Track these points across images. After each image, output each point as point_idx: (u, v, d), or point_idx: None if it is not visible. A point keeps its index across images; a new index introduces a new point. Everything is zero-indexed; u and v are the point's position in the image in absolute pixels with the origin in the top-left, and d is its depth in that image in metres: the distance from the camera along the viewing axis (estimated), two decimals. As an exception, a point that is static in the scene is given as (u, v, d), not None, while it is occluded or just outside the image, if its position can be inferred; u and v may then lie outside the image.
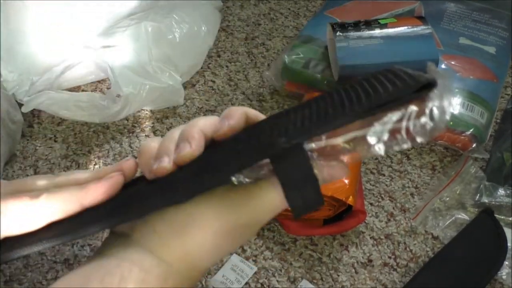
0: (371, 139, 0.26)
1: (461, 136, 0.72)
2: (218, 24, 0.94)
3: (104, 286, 0.26)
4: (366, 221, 0.67)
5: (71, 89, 0.83)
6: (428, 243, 0.66)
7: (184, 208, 0.29)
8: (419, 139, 0.25)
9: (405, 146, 0.26)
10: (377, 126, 0.26)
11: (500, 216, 0.66)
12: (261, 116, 0.33)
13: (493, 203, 0.67)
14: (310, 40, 0.82)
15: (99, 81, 0.85)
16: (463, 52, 0.81)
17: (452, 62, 0.79)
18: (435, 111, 0.25)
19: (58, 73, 0.79)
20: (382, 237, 0.66)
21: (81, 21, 0.81)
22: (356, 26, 0.74)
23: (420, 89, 0.26)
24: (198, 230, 0.29)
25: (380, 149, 0.26)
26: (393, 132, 0.26)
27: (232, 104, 0.82)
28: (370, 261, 0.64)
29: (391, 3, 0.89)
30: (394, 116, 0.25)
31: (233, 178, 0.29)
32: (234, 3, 1.00)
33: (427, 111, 0.25)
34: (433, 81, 0.26)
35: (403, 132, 0.25)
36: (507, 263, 0.62)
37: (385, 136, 0.26)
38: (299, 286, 0.62)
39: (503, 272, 0.62)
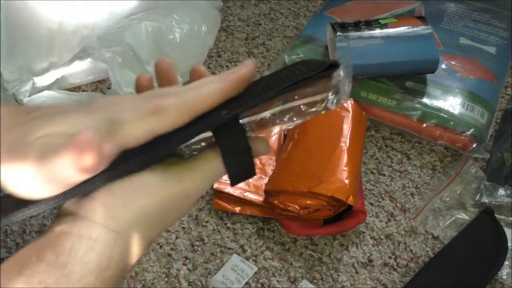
0: (289, 110, 0.33)
1: (461, 136, 0.72)
2: (219, 24, 0.94)
3: (56, 254, 0.28)
4: (366, 221, 0.67)
5: (71, 89, 0.83)
6: (428, 243, 0.66)
7: (130, 179, 0.30)
8: (325, 110, 0.34)
9: (313, 112, 0.34)
10: (295, 101, 0.33)
11: (500, 216, 0.66)
12: None
13: (493, 203, 0.67)
14: (310, 40, 0.82)
15: (99, 81, 0.85)
16: (463, 52, 0.81)
17: (452, 62, 0.79)
18: (339, 87, 0.34)
19: (58, 73, 0.80)
20: (382, 237, 0.66)
21: (81, 21, 0.81)
22: (357, 26, 0.74)
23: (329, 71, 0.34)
24: (145, 198, 0.30)
25: (295, 120, 0.33)
26: (306, 105, 0.33)
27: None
28: (371, 261, 0.64)
29: (391, 3, 0.89)
30: (308, 89, 0.33)
31: (180, 149, 0.32)
32: (235, 3, 1.00)
33: (331, 87, 0.34)
34: (337, 62, 0.34)
35: (316, 104, 0.33)
36: (507, 263, 0.62)
37: (299, 109, 0.33)
38: (299, 286, 0.62)
39: (503, 272, 0.62)
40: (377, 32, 0.74)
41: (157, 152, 0.31)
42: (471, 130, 0.72)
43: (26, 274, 0.28)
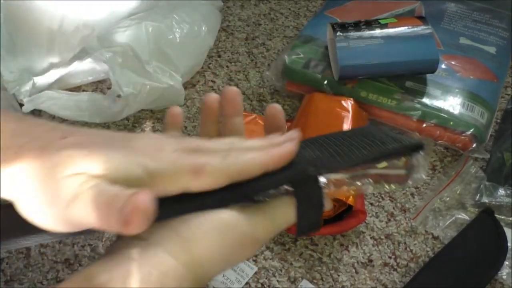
0: (366, 180, 0.34)
1: (461, 136, 0.72)
2: (219, 24, 0.94)
3: (126, 287, 0.27)
4: (367, 221, 0.67)
5: (72, 89, 0.83)
6: (428, 243, 0.66)
7: (207, 215, 0.30)
8: (396, 185, 0.35)
9: (386, 188, 0.35)
10: (373, 169, 0.34)
11: (500, 216, 0.66)
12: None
13: (493, 203, 0.67)
14: (310, 40, 0.82)
15: (99, 81, 0.85)
16: (463, 52, 0.81)
17: (452, 62, 0.79)
18: (418, 167, 0.35)
19: (58, 73, 0.80)
20: (383, 237, 0.66)
21: (81, 21, 0.81)
22: (357, 26, 0.74)
23: (408, 147, 0.35)
24: (220, 237, 0.30)
25: (369, 187, 0.35)
26: (382, 176, 0.35)
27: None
28: (371, 261, 0.64)
29: (391, 3, 0.89)
30: (390, 162, 0.35)
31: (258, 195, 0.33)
32: (235, 3, 1.00)
33: (410, 166, 0.35)
34: (422, 145, 0.35)
35: (390, 177, 0.35)
36: (507, 263, 0.62)
37: (376, 177, 0.35)
38: (299, 286, 0.62)
39: (503, 272, 0.62)
40: (377, 32, 0.74)
41: (242, 194, 0.31)
42: (471, 130, 0.72)
43: None
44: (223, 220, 0.30)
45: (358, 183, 0.34)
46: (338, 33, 0.73)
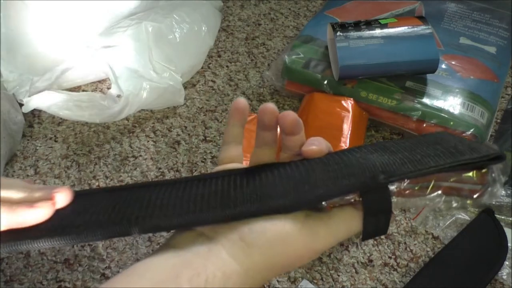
0: (438, 192, 0.32)
1: (462, 136, 0.72)
2: (219, 24, 0.94)
3: (192, 285, 0.27)
4: (367, 221, 0.67)
5: (72, 89, 0.83)
6: (429, 243, 0.66)
7: (272, 221, 0.30)
8: (471, 200, 0.32)
9: (458, 204, 0.32)
10: (446, 182, 0.32)
11: (500, 216, 0.66)
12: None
13: (494, 203, 0.67)
14: (310, 40, 0.82)
15: (99, 81, 0.85)
16: (464, 52, 0.81)
17: (453, 62, 0.79)
18: (492, 183, 0.32)
19: (58, 73, 0.79)
20: (383, 237, 0.66)
21: (82, 21, 0.81)
22: (357, 26, 0.74)
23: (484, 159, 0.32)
24: (282, 248, 0.30)
25: (440, 201, 0.32)
26: (455, 189, 0.32)
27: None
28: (371, 261, 0.64)
29: (391, 3, 0.89)
30: (465, 175, 0.32)
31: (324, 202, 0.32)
32: (235, 3, 1.00)
33: (486, 180, 0.32)
34: (501, 156, 0.32)
35: (463, 192, 0.32)
36: (507, 263, 0.62)
37: (448, 190, 0.32)
38: (299, 286, 0.62)
39: (504, 272, 0.62)
40: (377, 32, 0.74)
41: (307, 200, 0.30)
42: (471, 130, 0.72)
43: None
44: (287, 231, 0.30)
45: (428, 194, 0.32)
46: (338, 33, 0.73)
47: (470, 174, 0.32)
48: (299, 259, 0.31)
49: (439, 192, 0.32)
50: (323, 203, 0.32)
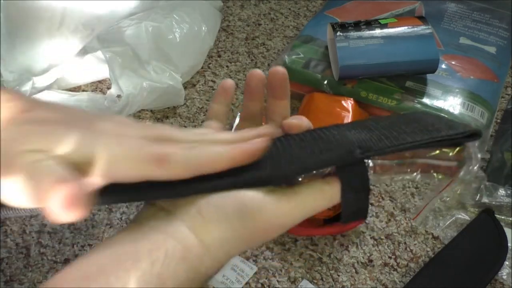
0: (414, 168, 0.32)
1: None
2: (219, 24, 0.94)
3: (151, 259, 0.27)
4: (367, 221, 0.67)
5: (71, 89, 0.83)
6: (429, 243, 0.66)
7: (232, 195, 0.30)
8: (446, 176, 0.33)
9: (435, 179, 0.33)
10: (422, 158, 0.32)
11: (500, 216, 0.66)
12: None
13: (494, 203, 0.67)
14: (310, 40, 0.82)
15: (99, 81, 0.85)
16: (464, 52, 0.81)
17: (453, 62, 0.79)
18: (468, 160, 0.32)
19: (58, 73, 0.80)
20: (383, 237, 0.66)
21: (81, 21, 0.81)
22: (357, 26, 0.74)
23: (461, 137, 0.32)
24: (242, 223, 0.29)
25: (416, 176, 0.32)
26: (431, 166, 0.32)
27: (232, 104, 0.82)
28: (371, 261, 0.64)
29: (391, 3, 0.89)
30: (441, 152, 0.32)
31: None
32: (235, 3, 1.00)
33: (462, 156, 0.32)
34: (478, 133, 0.32)
35: (440, 168, 0.32)
36: (507, 263, 0.62)
37: (425, 167, 0.32)
38: (299, 286, 0.62)
39: (504, 272, 0.62)
40: (377, 32, 0.74)
41: (281, 175, 0.30)
42: (471, 130, 0.71)
43: (123, 279, 0.26)
44: (247, 204, 0.30)
45: (405, 171, 0.32)
46: (338, 33, 0.73)
47: (446, 150, 0.32)
48: (262, 234, 0.31)
49: (416, 168, 0.32)
50: (299, 178, 0.31)
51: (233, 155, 0.30)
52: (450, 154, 0.32)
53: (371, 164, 0.32)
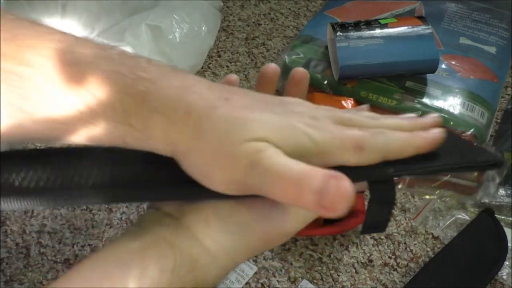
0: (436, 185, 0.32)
1: (462, 136, 0.72)
2: (219, 24, 0.94)
3: (160, 268, 0.27)
4: (367, 221, 0.67)
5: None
6: (429, 243, 0.66)
7: (239, 208, 0.29)
8: (466, 194, 0.32)
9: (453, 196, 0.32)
10: (445, 176, 0.31)
11: (500, 216, 0.66)
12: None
13: (494, 203, 0.67)
14: (310, 40, 0.82)
15: (99, 81, 0.85)
16: (464, 52, 0.81)
17: (453, 62, 0.79)
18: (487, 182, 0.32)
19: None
20: (383, 237, 0.66)
21: (81, 20, 0.81)
22: (357, 26, 0.74)
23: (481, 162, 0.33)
24: (248, 233, 0.29)
25: (438, 192, 0.32)
26: (452, 184, 0.31)
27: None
28: (371, 261, 0.64)
29: (391, 3, 0.89)
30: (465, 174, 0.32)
31: None
32: (235, 3, 1.00)
33: (482, 179, 0.32)
34: (500, 163, 0.33)
35: (459, 187, 0.32)
36: (507, 263, 0.62)
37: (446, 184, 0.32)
38: (299, 286, 0.62)
39: (504, 272, 0.62)
40: (377, 32, 0.74)
41: None
42: (471, 130, 0.71)
43: (129, 285, 0.26)
44: (253, 215, 0.29)
45: (427, 185, 0.33)
46: (338, 33, 0.73)
47: (469, 173, 0.34)
48: (269, 242, 0.30)
49: (437, 184, 0.33)
50: None
51: (419, 143, 0.30)
52: (472, 175, 0.34)
53: (396, 179, 0.32)
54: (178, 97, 0.27)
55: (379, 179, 0.31)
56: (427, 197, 0.33)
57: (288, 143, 0.27)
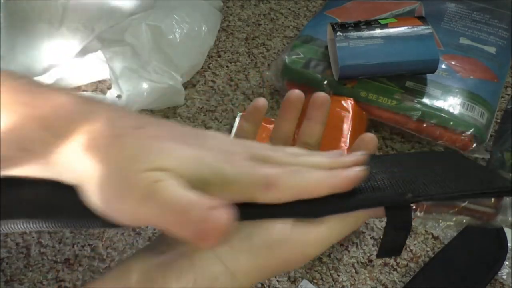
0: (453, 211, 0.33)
1: (462, 136, 0.72)
2: (219, 24, 0.94)
3: (180, 285, 0.27)
4: (367, 221, 0.67)
5: (72, 89, 0.83)
6: (428, 243, 0.66)
7: (260, 228, 0.29)
8: (483, 221, 0.33)
9: (473, 219, 0.33)
10: (463, 202, 0.32)
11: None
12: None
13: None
14: (310, 40, 0.82)
15: (99, 81, 0.85)
16: (464, 52, 0.81)
17: (453, 62, 0.79)
18: (503, 209, 0.33)
19: (58, 73, 0.80)
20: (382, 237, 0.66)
21: (81, 21, 0.81)
22: (357, 26, 0.74)
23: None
24: (268, 255, 0.29)
25: (455, 219, 0.33)
26: (470, 210, 0.33)
27: (232, 104, 0.82)
28: (371, 261, 0.64)
29: (391, 3, 0.89)
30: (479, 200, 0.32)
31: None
32: (235, 3, 1.00)
33: (499, 205, 0.33)
34: None
35: (476, 213, 0.33)
36: (507, 263, 0.62)
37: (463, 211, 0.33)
38: (299, 286, 0.62)
39: (503, 272, 0.62)
40: (377, 32, 0.74)
41: (344, 208, 0.30)
42: (471, 130, 0.72)
43: None
44: (274, 237, 0.29)
45: (444, 211, 0.33)
46: (338, 33, 0.73)
47: (486, 200, 0.34)
48: (288, 264, 0.30)
49: (455, 211, 0.33)
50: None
51: (334, 183, 0.30)
52: (489, 202, 0.34)
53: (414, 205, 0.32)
54: (85, 122, 0.27)
55: (397, 205, 0.31)
56: (445, 223, 0.34)
57: (193, 174, 0.27)
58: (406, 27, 0.74)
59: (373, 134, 0.36)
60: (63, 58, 0.81)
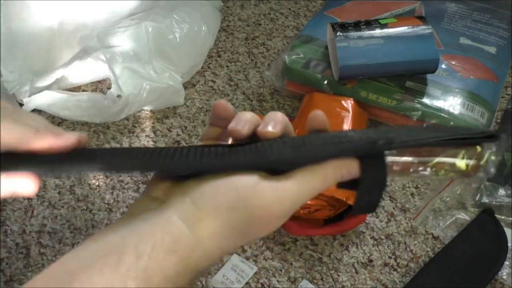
0: (432, 168, 0.32)
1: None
2: (219, 24, 0.94)
3: (137, 253, 0.27)
4: (367, 221, 0.67)
5: (72, 89, 0.83)
6: (429, 243, 0.66)
7: (225, 184, 0.29)
8: (463, 176, 0.33)
9: (452, 177, 0.33)
10: (441, 157, 0.32)
11: (500, 216, 0.66)
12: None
13: (494, 203, 0.67)
14: (310, 40, 0.82)
15: (99, 81, 0.85)
16: (464, 52, 0.81)
17: (453, 62, 0.79)
18: (489, 160, 0.32)
19: (58, 73, 0.80)
20: (383, 237, 0.66)
21: (81, 21, 0.81)
22: (357, 26, 0.74)
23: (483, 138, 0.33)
24: (234, 215, 0.29)
25: (433, 176, 0.33)
26: (449, 165, 0.32)
27: (233, 104, 0.82)
28: (371, 261, 0.64)
29: (391, 3, 0.89)
30: (458, 151, 0.32)
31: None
32: (235, 3, 1.00)
33: (479, 158, 0.32)
34: (496, 136, 0.33)
35: (456, 167, 0.32)
36: (507, 263, 0.62)
37: (443, 166, 0.32)
38: (299, 286, 0.62)
39: (504, 272, 0.62)
40: (377, 32, 0.73)
41: (311, 158, 0.30)
42: (471, 130, 0.72)
43: (107, 275, 0.26)
44: (241, 190, 0.29)
45: (420, 169, 0.32)
46: (338, 33, 0.73)
47: (464, 151, 0.33)
48: (255, 226, 0.29)
49: (432, 167, 0.32)
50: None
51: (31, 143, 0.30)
52: (470, 152, 0.33)
53: (390, 161, 0.32)
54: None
55: (369, 154, 0.30)
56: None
57: None
58: (406, 27, 0.74)
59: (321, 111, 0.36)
60: (63, 58, 0.81)
